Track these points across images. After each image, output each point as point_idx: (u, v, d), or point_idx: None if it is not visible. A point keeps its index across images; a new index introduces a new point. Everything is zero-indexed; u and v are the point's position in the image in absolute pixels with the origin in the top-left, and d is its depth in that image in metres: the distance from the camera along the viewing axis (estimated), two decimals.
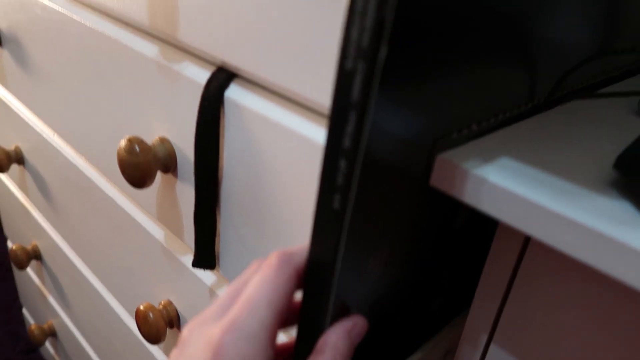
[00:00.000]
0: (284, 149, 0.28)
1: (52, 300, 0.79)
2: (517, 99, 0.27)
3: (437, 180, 0.23)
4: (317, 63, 0.25)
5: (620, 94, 0.35)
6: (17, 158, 0.67)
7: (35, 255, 0.75)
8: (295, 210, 0.29)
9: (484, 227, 0.31)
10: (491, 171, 0.22)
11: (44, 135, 0.58)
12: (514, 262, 0.27)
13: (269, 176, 0.30)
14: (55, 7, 0.45)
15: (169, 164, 0.37)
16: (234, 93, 0.30)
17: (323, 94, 0.25)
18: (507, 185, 0.21)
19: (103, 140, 0.46)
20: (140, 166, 0.35)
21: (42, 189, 0.65)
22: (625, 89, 0.36)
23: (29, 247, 0.75)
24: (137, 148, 0.35)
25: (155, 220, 0.43)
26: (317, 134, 0.26)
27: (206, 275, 0.39)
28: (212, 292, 0.39)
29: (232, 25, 0.28)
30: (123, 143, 0.35)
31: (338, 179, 0.18)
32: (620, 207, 0.20)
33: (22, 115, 0.62)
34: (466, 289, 0.32)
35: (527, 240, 0.26)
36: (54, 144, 0.57)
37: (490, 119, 0.25)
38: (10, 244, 0.91)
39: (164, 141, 0.37)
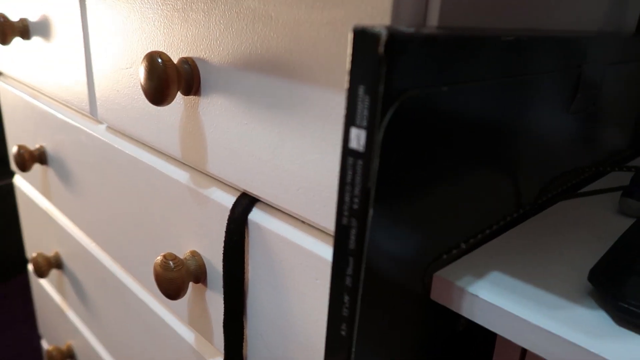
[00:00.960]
0: (301, 266, 0.32)
1: None
2: (504, 210, 0.31)
3: (436, 295, 0.26)
4: (321, 195, 0.29)
5: (601, 192, 0.38)
6: (57, 263, 0.72)
7: (69, 355, 0.78)
8: (314, 320, 0.32)
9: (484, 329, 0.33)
10: (482, 287, 0.25)
11: (83, 244, 0.63)
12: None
13: (289, 289, 0.33)
14: (97, 135, 0.52)
15: (200, 275, 0.41)
16: (256, 216, 0.35)
17: (326, 217, 0.29)
18: (496, 301, 0.24)
19: (139, 251, 0.50)
20: (175, 281, 0.39)
21: (78, 293, 0.69)
22: (606, 186, 0.40)
23: (64, 347, 0.78)
24: (171, 264, 0.39)
25: (187, 324, 0.47)
26: (324, 251, 0.30)
27: None
28: None
29: (251, 160, 0.33)
30: (159, 260, 0.39)
31: (343, 311, 0.22)
32: (596, 316, 0.23)
33: (63, 225, 0.68)
34: None
35: None
36: (92, 251, 0.61)
37: (477, 235, 0.29)
38: (45, 345, 0.94)
39: (194, 254, 0.41)
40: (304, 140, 0.29)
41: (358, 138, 0.20)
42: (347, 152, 0.21)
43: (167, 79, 0.34)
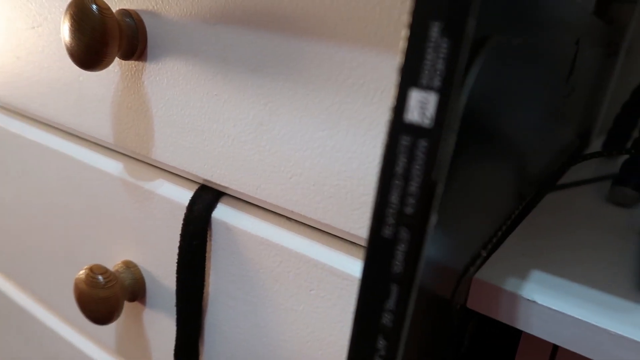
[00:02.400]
0: (280, 270, 0.26)
1: None
2: (511, 205, 0.27)
3: (476, 303, 0.22)
4: (323, 186, 0.23)
5: (587, 181, 0.37)
6: None
7: None
8: (306, 341, 0.26)
9: (494, 339, 0.30)
10: (535, 291, 0.21)
11: None
12: None
13: (263, 303, 0.27)
14: None
15: (136, 291, 0.33)
16: (222, 214, 0.28)
17: (327, 212, 0.23)
18: (560, 307, 0.20)
19: (45, 266, 0.40)
20: (107, 301, 0.30)
21: None
22: (590, 176, 0.38)
23: None
24: (101, 279, 0.30)
25: (114, 354, 0.37)
26: (322, 254, 0.24)
27: None
28: None
29: (220, 143, 0.26)
30: (82, 274, 0.30)
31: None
32: None
33: None
34: None
35: (553, 351, 0.25)
36: None
37: (497, 233, 0.25)
38: None
39: (129, 265, 0.33)
40: (303, 113, 0.23)
41: (423, 106, 0.14)
42: (400, 128, 0.14)
43: (106, 33, 0.25)
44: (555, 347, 0.25)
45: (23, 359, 0.46)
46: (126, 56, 0.28)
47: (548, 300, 0.20)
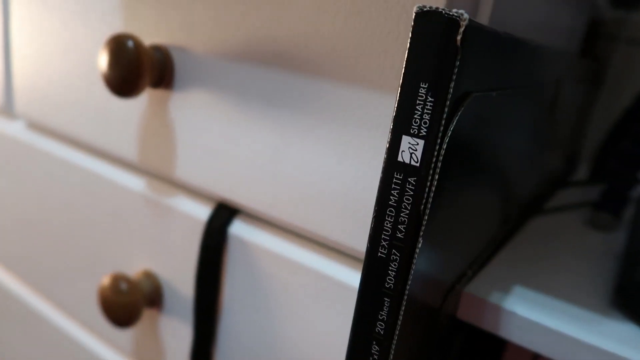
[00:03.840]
0: (292, 284, 0.28)
1: None
2: (496, 228, 0.30)
3: (465, 313, 0.24)
4: (325, 202, 0.26)
5: (570, 207, 0.40)
6: None
7: None
8: (300, 347, 0.29)
9: (481, 350, 0.32)
10: (515, 304, 0.24)
11: None
12: None
13: (273, 312, 0.29)
14: (12, 134, 0.44)
15: (154, 299, 0.35)
16: (238, 229, 0.31)
17: (334, 230, 0.26)
18: (536, 318, 0.23)
19: (65, 274, 0.42)
20: (129, 306, 0.33)
21: None
22: (575, 201, 0.41)
23: None
24: (124, 286, 0.33)
25: (127, 357, 0.40)
26: (328, 268, 0.27)
27: None
28: None
29: (238, 165, 0.29)
30: (107, 281, 0.33)
31: None
32: (628, 329, 0.23)
33: None
34: None
35: (535, 357, 0.28)
36: None
37: (482, 255, 0.28)
38: None
39: (148, 275, 0.35)
40: (314, 142, 0.26)
41: (412, 150, 0.16)
42: (393, 167, 0.17)
43: (140, 66, 0.28)
44: (535, 357, 0.27)
45: None
46: (154, 85, 0.31)
47: (527, 312, 0.23)
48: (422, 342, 0.23)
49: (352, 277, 0.27)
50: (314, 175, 0.26)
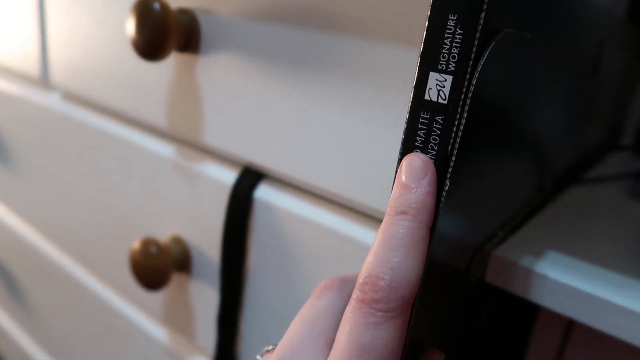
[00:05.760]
0: (317, 247, 0.28)
1: None
2: (529, 194, 0.29)
3: (494, 277, 0.24)
4: (350, 163, 0.26)
5: (610, 178, 0.38)
6: None
7: None
8: None
9: (510, 319, 0.31)
10: (548, 267, 0.23)
11: (21, 233, 0.55)
12: (556, 349, 0.27)
13: (298, 274, 0.29)
14: (49, 105, 0.45)
15: (183, 263, 0.36)
16: (263, 193, 0.31)
17: (359, 192, 0.26)
18: (569, 281, 0.22)
19: (99, 240, 0.44)
20: (158, 269, 0.33)
21: (11, 290, 0.60)
22: (609, 172, 0.39)
23: None
24: (153, 250, 0.34)
25: (159, 321, 0.41)
26: (353, 230, 0.27)
27: None
28: None
29: (261, 128, 0.29)
30: (137, 245, 0.34)
31: None
32: None
33: None
34: None
35: (568, 326, 0.27)
36: (32, 241, 0.53)
37: (515, 218, 0.27)
38: None
39: (177, 240, 0.36)
40: (340, 103, 0.25)
41: (440, 87, 0.16)
42: (420, 106, 0.16)
43: (166, 29, 0.28)
44: (570, 325, 0.26)
45: (79, 330, 0.51)
46: (181, 49, 0.31)
47: (560, 275, 0.22)
48: (448, 305, 0.22)
49: None
50: (339, 136, 0.26)
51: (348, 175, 0.26)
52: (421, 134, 0.16)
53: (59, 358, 0.56)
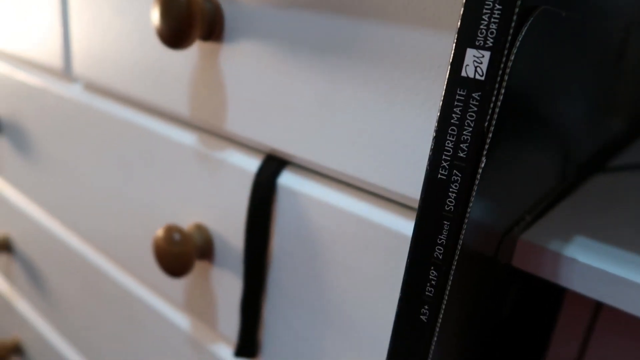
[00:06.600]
0: (341, 233, 0.28)
1: None
2: (553, 180, 0.29)
3: (521, 261, 0.24)
4: (375, 149, 0.26)
5: (634, 167, 0.37)
6: (6, 246, 0.63)
7: (15, 349, 0.69)
8: (351, 298, 0.29)
9: (535, 305, 0.31)
10: (576, 251, 0.23)
11: (42, 223, 0.56)
12: (584, 333, 0.27)
13: (322, 262, 0.30)
14: (71, 96, 0.45)
15: (205, 251, 0.36)
16: (287, 180, 0.31)
17: (384, 177, 0.26)
18: (599, 265, 0.22)
19: (121, 228, 0.44)
20: (181, 256, 0.34)
21: (32, 279, 0.61)
22: (634, 161, 0.39)
23: (8, 341, 0.69)
24: (176, 237, 0.34)
25: (181, 309, 0.42)
26: (377, 216, 0.27)
27: None
28: None
29: (285, 115, 0.29)
30: (161, 233, 0.34)
31: (427, 291, 0.18)
32: None
33: (16, 203, 0.60)
34: None
35: (596, 310, 0.27)
36: (54, 231, 0.54)
37: (540, 204, 0.27)
38: None
39: (200, 228, 0.36)
40: (364, 88, 0.25)
41: (477, 63, 0.16)
42: (456, 82, 0.16)
43: (190, 17, 0.29)
44: (597, 308, 0.26)
45: (101, 319, 0.52)
46: (205, 38, 0.31)
47: (589, 259, 0.22)
48: (476, 291, 0.22)
49: (401, 225, 0.26)
50: (363, 122, 0.26)
51: (372, 161, 0.26)
52: (457, 111, 0.16)
53: (80, 347, 0.57)
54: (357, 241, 0.28)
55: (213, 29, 0.31)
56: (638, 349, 0.25)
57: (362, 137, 0.26)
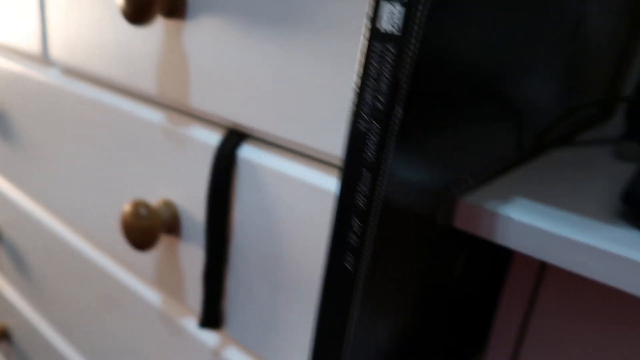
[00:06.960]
0: (299, 203, 0.29)
1: None
2: (506, 149, 0.29)
3: (462, 222, 0.24)
4: (330, 117, 0.26)
5: (599, 142, 0.38)
6: None
7: (4, 335, 0.70)
8: (309, 265, 0.29)
9: (485, 268, 0.32)
10: (514, 211, 0.23)
11: (25, 208, 0.56)
12: (530, 293, 0.28)
13: (282, 232, 0.30)
14: (49, 80, 0.46)
15: (172, 226, 0.37)
16: (246, 152, 0.31)
17: (339, 146, 0.26)
18: (533, 223, 0.22)
19: (97, 209, 0.45)
20: (148, 230, 0.34)
21: (18, 266, 0.62)
22: (598, 137, 0.40)
23: None
24: (143, 211, 0.35)
25: (152, 285, 0.42)
26: (333, 184, 0.28)
27: (209, 337, 0.38)
28: (215, 355, 0.38)
29: (245, 89, 0.30)
30: (128, 208, 0.35)
31: (350, 238, 0.19)
32: (631, 235, 0.22)
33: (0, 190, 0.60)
34: (475, 329, 0.33)
35: (540, 270, 0.27)
36: (36, 216, 0.55)
37: (487, 169, 0.27)
38: None
39: (167, 203, 0.37)
40: (317, 59, 0.26)
41: (391, 16, 0.16)
42: (373, 36, 0.17)
43: None
44: (542, 268, 0.27)
45: (81, 301, 0.52)
46: (168, 14, 0.32)
47: (524, 216, 0.23)
48: (417, 249, 0.23)
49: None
50: (316, 91, 0.27)
51: (328, 130, 0.27)
52: (374, 63, 0.17)
53: (65, 332, 0.58)
54: (315, 209, 0.28)
55: (175, 6, 0.32)
56: (580, 305, 0.26)
57: (317, 108, 0.27)
